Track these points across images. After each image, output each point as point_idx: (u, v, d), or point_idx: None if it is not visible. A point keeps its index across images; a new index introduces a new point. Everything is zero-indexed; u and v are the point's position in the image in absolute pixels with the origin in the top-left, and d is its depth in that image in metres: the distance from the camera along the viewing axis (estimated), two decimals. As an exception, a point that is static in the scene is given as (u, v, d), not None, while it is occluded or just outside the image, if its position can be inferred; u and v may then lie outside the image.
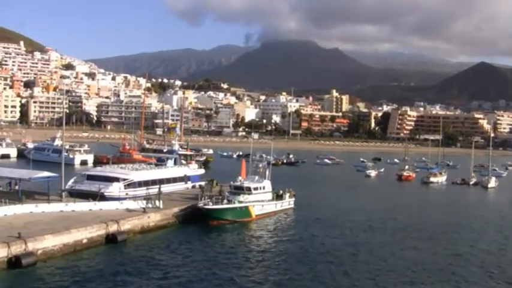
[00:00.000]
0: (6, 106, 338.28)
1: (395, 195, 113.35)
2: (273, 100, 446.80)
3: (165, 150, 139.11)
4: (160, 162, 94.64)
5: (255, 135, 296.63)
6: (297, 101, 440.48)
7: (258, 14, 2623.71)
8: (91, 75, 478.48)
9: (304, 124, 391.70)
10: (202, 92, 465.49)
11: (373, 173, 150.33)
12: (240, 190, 71.21)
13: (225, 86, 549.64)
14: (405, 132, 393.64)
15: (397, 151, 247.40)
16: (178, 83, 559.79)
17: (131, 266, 47.25)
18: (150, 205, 64.41)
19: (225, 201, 68.45)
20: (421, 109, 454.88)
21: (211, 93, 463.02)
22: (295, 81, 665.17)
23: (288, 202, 79.27)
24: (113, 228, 55.01)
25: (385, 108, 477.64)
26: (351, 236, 64.09)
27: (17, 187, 67.95)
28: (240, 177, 75.39)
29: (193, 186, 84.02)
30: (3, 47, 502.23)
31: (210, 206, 66.39)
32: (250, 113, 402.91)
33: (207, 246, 56.15)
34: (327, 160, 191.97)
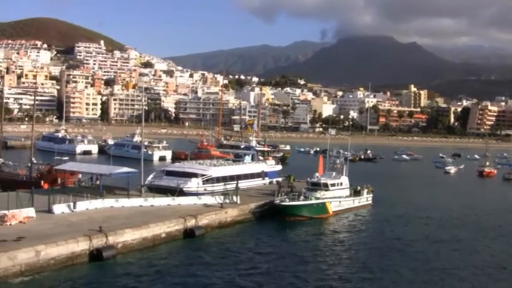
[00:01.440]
0: (87, 104, 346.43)
1: (476, 192, 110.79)
2: (350, 96, 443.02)
3: (242, 146, 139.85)
4: (238, 158, 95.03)
5: (332, 131, 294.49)
6: (375, 96, 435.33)
7: (332, 9, 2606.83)
8: (169, 73, 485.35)
9: (382, 120, 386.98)
10: (279, 88, 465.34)
11: (452, 169, 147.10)
12: (317, 186, 70.80)
13: (302, 82, 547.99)
14: (486, 127, 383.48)
15: (477, 147, 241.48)
16: (255, 79, 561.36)
17: (208, 260, 47.69)
18: (227, 200, 64.83)
19: (302, 197, 68.28)
20: (503, 104, 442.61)
21: (288, 89, 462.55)
22: (373, 77, 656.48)
23: (365, 198, 78.42)
24: (191, 223, 55.63)
25: (465, 103, 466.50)
26: (430, 233, 62.75)
27: (98, 182, 69.70)
28: (317, 174, 74.94)
29: (271, 182, 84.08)
30: (85, 47, 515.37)
31: (287, 203, 66.35)
32: (327, 109, 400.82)
33: (283, 242, 56.20)
34: (405, 156, 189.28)
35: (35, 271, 40.97)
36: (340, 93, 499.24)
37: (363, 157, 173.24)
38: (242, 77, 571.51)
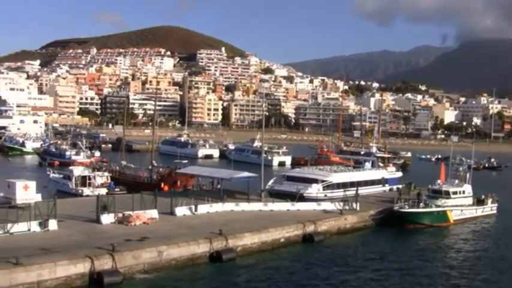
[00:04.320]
0: (209, 109, 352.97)
1: None
2: (473, 102, 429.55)
3: (362, 153, 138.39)
4: (358, 165, 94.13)
5: (455, 138, 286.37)
6: (499, 102, 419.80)
7: (451, 13, 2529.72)
8: (289, 79, 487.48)
9: (507, 127, 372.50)
10: (400, 94, 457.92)
11: None
12: (438, 194, 69.07)
13: (423, 87, 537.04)
14: None
15: None
16: (375, 85, 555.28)
17: (326, 265, 47.43)
18: (347, 207, 64.26)
19: (422, 204, 66.77)
20: None
21: (409, 95, 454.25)
22: (497, 82, 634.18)
23: (489, 208, 75.57)
24: (310, 228, 55.51)
25: None
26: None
27: (219, 186, 70.77)
28: (438, 181, 73.11)
29: (391, 189, 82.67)
30: (206, 53, 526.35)
31: (406, 210, 65.09)
32: (449, 115, 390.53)
33: (402, 250, 55.19)
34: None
35: (157, 270, 42.10)
36: (462, 99, 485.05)
37: (486, 165, 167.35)
38: (362, 82, 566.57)
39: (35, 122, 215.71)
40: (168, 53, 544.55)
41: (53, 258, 38.14)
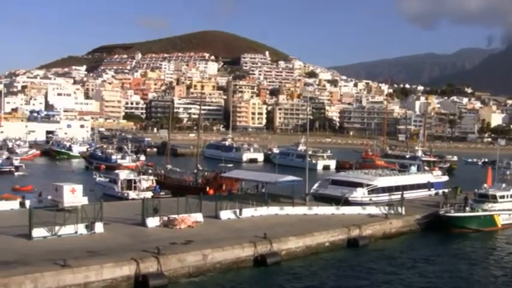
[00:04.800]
0: (253, 113, 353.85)
1: None
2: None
3: (407, 156, 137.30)
4: (403, 169, 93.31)
5: (502, 141, 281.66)
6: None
7: (497, 14, 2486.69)
8: (333, 82, 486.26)
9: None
10: (446, 97, 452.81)
11: None
12: (484, 198, 67.93)
13: (468, 90, 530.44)
14: None
15: None
16: (420, 88, 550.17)
17: (371, 270, 47.03)
18: (392, 211, 63.68)
19: (468, 209, 65.81)
20: None
21: (454, 98, 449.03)
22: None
23: (539, 212, 74.15)
24: (355, 232, 55.15)
25: None
26: None
27: (263, 190, 70.79)
28: (485, 185, 71.94)
29: (437, 194, 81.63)
30: (250, 58, 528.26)
31: (452, 214, 64.25)
32: (496, 118, 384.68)
33: (448, 254, 54.44)
34: None
35: (201, 273, 42.26)
36: (510, 101, 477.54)
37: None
38: (407, 85, 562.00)
39: (82, 126, 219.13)
40: (213, 57, 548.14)
41: (99, 260, 38.56)
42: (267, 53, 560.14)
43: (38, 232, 45.00)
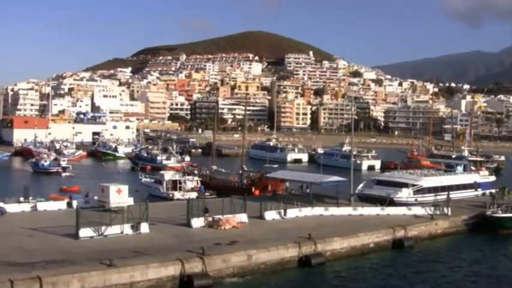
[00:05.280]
0: (297, 114, 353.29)
1: None
2: None
3: (453, 156, 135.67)
4: (449, 169, 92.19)
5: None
6: None
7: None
8: (378, 82, 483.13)
9: None
10: (492, 96, 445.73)
11: None
12: None
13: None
14: None
15: None
16: (466, 86, 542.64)
17: (417, 271, 46.55)
18: (437, 212, 62.95)
19: None
20: None
21: (501, 96, 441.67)
22: None
23: None
24: (400, 233, 54.65)
25: None
26: None
27: (308, 190, 70.69)
28: (534, 185, 70.74)
29: (483, 194, 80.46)
30: (294, 58, 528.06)
31: (500, 214, 63.19)
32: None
33: (496, 255, 53.66)
34: None
35: (246, 274, 42.33)
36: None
37: None
38: (452, 84, 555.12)
39: (127, 127, 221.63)
40: (256, 58, 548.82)
41: (144, 260, 38.92)
42: (311, 52, 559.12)
43: (85, 232, 45.64)
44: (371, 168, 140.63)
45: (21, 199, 60.50)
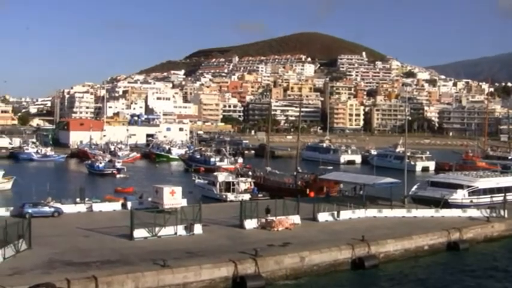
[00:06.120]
0: (350, 115, 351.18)
1: None
2: None
3: (510, 157, 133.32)
4: (506, 170, 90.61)
5: None
6: None
7: None
8: (432, 82, 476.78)
9: None
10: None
11: None
12: None
13: None
14: None
15: None
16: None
17: (473, 274, 45.89)
18: (494, 214, 61.93)
19: None
20: None
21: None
22: None
23: None
24: (455, 236, 53.90)
25: None
26: None
27: (361, 192, 70.27)
28: None
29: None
30: (347, 59, 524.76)
31: None
32: None
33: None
34: None
35: (298, 276, 42.29)
36: None
37: None
38: (509, 84, 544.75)
39: (181, 129, 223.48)
40: (309, 59, 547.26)
41: (198, 261, 39.26)
42: (363, 53, 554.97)
43: (139, 233, 46.27)
44: (425, 169, 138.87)
45: (77, 200, 61.74)
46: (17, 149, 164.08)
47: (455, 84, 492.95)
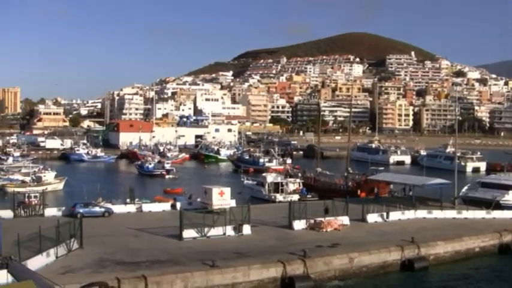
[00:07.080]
0: (399, 115, 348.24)
1: None
2: None
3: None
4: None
5: None
6: None
7: None
8: (482, 81, 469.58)
9: None
10: None
11: None
12: None
13: None
14: None
15: None
16: None
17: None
18: (547, 215, 60.77)
19: None
20: None
21: None
22: None
23: None
24: (507, 238, 53.02)
25: None
26: None
27: (410, 193, 69.66)
28: None
29: None
30: (396, 58, 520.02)
31: None
32: None
33: None
34: None
35: (347, 277, 42.14)
36: None
37: None
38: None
39: (229, 130, 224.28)
40: (357, 59, 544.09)
41: (246, 262, 39.42)
42: (412, 53, 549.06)
43: (188, 233, 46.68)
44: (476, 170, 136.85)
45: (127, 200, 62.54)
46: (68, 150, 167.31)
47: (506, 84, 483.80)
